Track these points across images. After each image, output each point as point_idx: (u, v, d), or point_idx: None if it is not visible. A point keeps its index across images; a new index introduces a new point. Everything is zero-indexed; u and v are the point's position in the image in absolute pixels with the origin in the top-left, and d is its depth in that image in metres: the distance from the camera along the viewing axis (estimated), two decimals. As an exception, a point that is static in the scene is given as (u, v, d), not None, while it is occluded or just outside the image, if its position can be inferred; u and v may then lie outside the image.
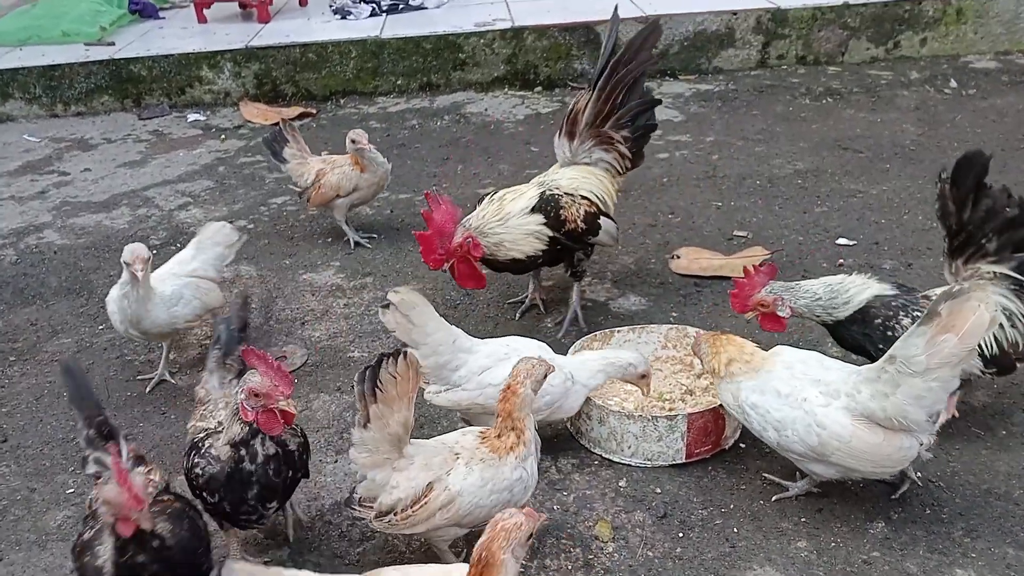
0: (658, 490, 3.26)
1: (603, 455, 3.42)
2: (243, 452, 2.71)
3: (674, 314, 4.32)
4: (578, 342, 3.79)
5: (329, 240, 5.21)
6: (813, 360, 3.06)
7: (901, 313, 3.25)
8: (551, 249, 3.97)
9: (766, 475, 3.27)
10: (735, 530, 3.06)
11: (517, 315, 4.40)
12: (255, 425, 2.68)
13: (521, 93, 7.51)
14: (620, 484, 3.30)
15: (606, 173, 4.23)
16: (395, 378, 2.67)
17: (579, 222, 3.98)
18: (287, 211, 5.63)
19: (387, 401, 2.69)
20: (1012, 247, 3.29)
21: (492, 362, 3.27)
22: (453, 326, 3.31)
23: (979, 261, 3.34)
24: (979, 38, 7.62)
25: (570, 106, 4.23)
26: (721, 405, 3.24)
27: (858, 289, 3.34)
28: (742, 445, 3.46)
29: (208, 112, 7.49)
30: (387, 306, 3.12)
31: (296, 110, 7.31)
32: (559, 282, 4.64)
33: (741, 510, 3.16)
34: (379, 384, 2.68)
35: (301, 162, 5.13)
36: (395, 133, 6.80)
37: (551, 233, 3.93)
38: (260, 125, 7.14)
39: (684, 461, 3.32)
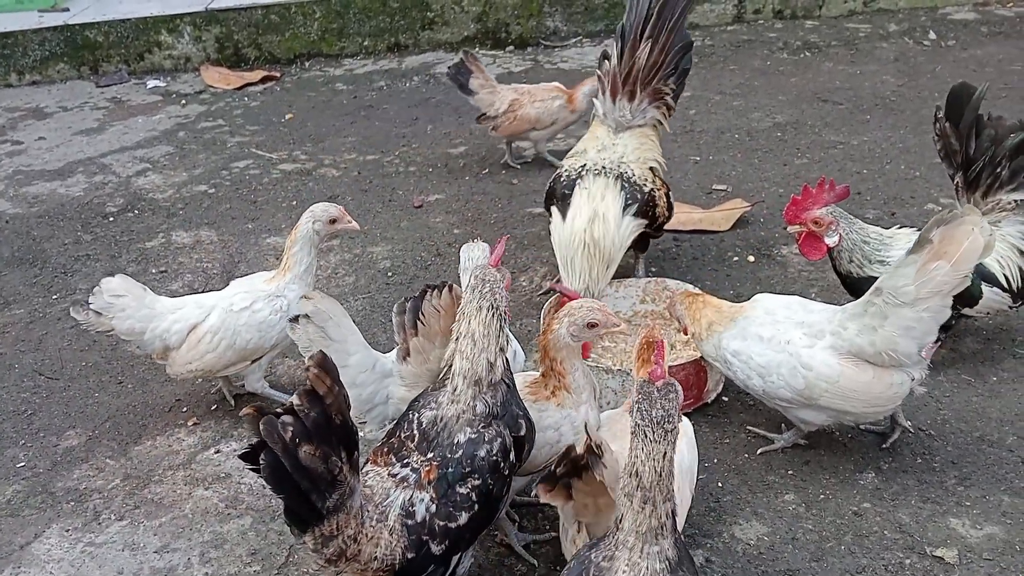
0: (639, 446, 3.12)
1: (581, 412, 3.28)
2: None
3: (653, 269, 4.17)
4: (551, 299, 3.63)
5: (294, 204, 5.01)
6: (795, 304, 2.93)
7: None
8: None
9: (750, 428, 3.15)
10: (719, 485, 2.94)
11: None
12: None
13: (493, 52, 7.28)
14: (599, 441, 3.15)
15: (655, 131, 3.98)
16: (438, 312, 2.53)
17: (666, 212, 3.82)
18: (249, 175, 5.41)
19: (429, 336, 2.55)
20: None
21: None
22: (372, 349, 2.77)
23: (998, 192, 3.27)
24: (958, -12, 7.47)
25: (619, 63, 3.80)
26: (703, 358, 3.10)
27: (899, 250, 3.13)
28: (725, 399, 3.33)
29: (168, 78, 7.21)
30: (297, 319, 2.58)
31: (259, 73, 7.04)
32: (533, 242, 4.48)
33: (725, 464, 3.03)
34: (421, 316, 2.54)
35: (491, 91, 5.11)
36: (362, 95, 6.57)
37: (646, 230, 3.76)
38: (222, 90, 6.88)
39: (665, 416, 3.18)
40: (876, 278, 3.00)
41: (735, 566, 2.64)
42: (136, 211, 5.07)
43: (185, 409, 3.52)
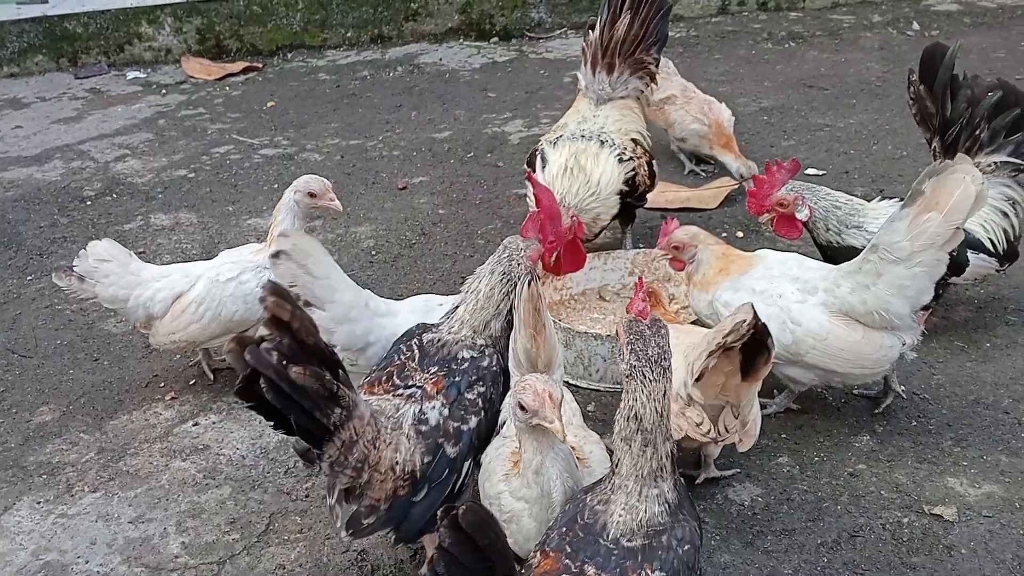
0: (629, 413, 3.05)
1: (570, 381, 3.20)
2: None
3: (641, 244, 4.11)
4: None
5: (275, 187, 4.92)
6: (794, 260, 2.86)
7: None
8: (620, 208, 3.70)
9: None
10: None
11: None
12: None
13: (477, 43, 7.24)
14: (588, 409, 3.09)
15: (637, 103, 3.92)
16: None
17: (647, 181, 3.77)
18: (230, 160, 5.32)
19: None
20: (1006, 131, 3.14)
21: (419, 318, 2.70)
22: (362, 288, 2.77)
23: (978, 155, 3.19)
24: (940, -20, 7.50)
25: (600, 35, 3.76)
26: (695, 322, 3.03)
27: (874, 217, 3.10)
28: (716, 366, 3.26)
29: (148, 70, 7.11)
30: (277, 255, 2.50)
31: (241, 64, 6.95)
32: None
33: (718, 429, 2.96)
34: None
35: (665, 77, 4.62)
36: (345, 84, 6.50)
37: (628, 199, 3.69)
38: (203, 80, 6.79)
39: (656, 383, 3.11)
40: (857, 248, 2.97)
41: (729, 527, 2.58)
42: (114, 195, 4.97)
43: (163, 384, 3.42)
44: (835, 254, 3.10)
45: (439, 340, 2.44)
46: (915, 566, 2.43)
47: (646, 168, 3.73)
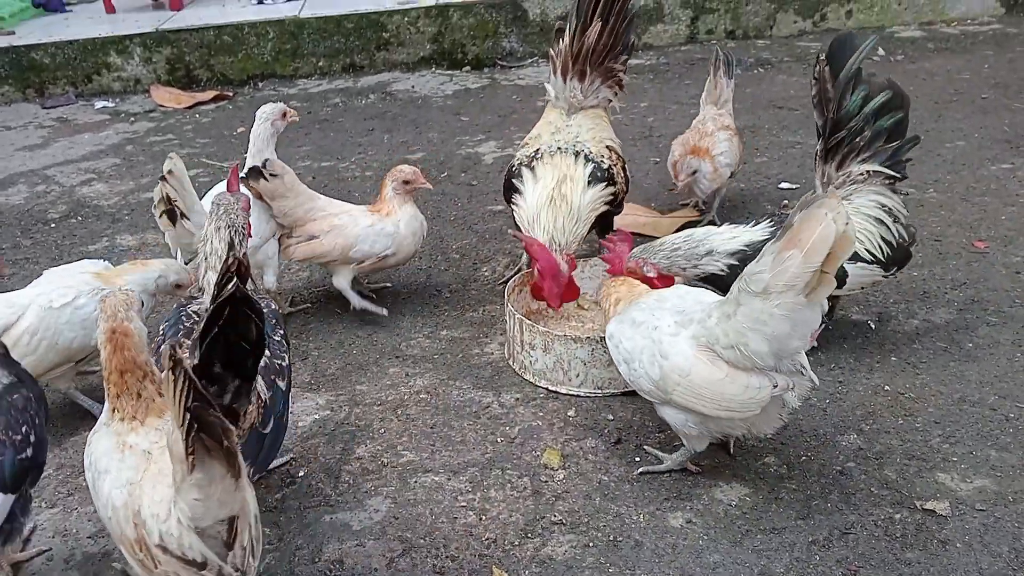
0: (610, 417, 2.97)
1: (549, 387, 3.13)
2: None
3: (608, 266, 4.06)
4: (515, 278, 3.52)
5: (246, 207, 4.83)
6: (694, 293, 2.67)
7: None
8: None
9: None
10: (695, 449, 2.78)
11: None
12: None
13: (449, 72, 7.25)
14: (569, 414, 3.00)
15: (606, 112, 3.90)
16: None
17: (624, 187, 3.72)
18: (199, 183, 5.20)
19: None
20: (886, 135, 3.11)
21: None
22: None
23: (852, 163, 3.14)
24: (903, 9, 7.65)
25: (570, 44, 3.69)
26: None
27: (723, 240, 3.03)
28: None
29: (117, 99, 7.03)
30: (164, 178, 3.13)
31: (211, 93, 6.91)
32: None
33: (702, 431, 2.88)
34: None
35: (703, 102, 4.55)
36: (317, 111, 6.46)
37: (608, 207, 3.63)
38: (173, 109, 6.72)
39: (637, 387, 3.03)
40: (718, 273, 2.94)
41: (717, 527, 2.49)
42: (79, 217, 4.85)
43: (126, 400, 3.28)
44: (715, 284, 2.97)
45: (192, 316, 2.54)
46: (910, 562, 2.35)
47: (622, 174, 3.69)
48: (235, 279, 1.92)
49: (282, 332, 2.62)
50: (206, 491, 1.79)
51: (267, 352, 2.34)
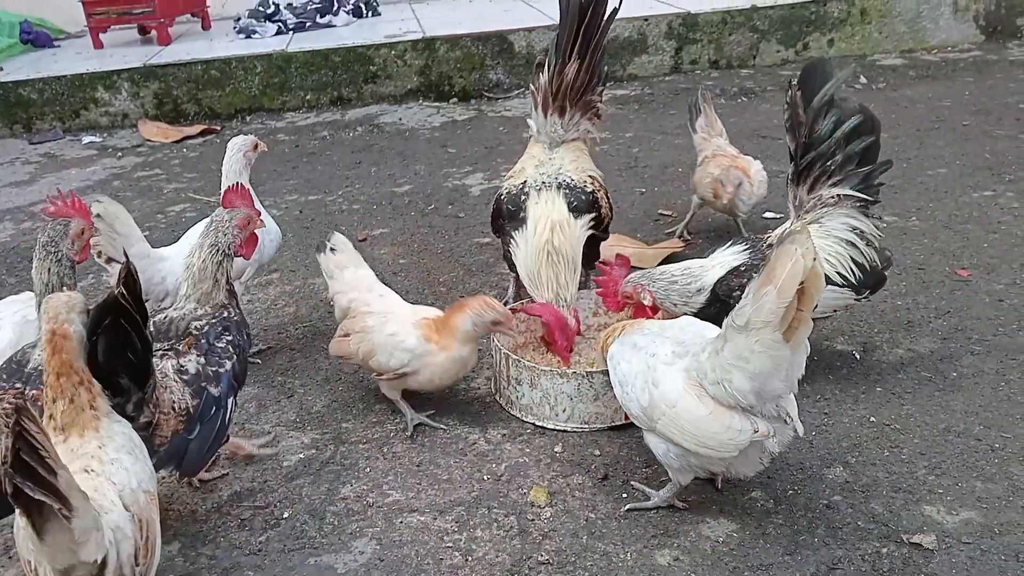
0: (597, 452, 2.96)
1: (536, 423, 3.12)
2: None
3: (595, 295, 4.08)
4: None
5: (233, 242, 4.83)
6: (698, 325, 2.68)
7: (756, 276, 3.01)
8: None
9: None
10: (680, 483, 2.77)
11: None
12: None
13: (436, 104, 7.30)
14: (556, 450, 2.99)
15: (586, 144, 3.93)
16: None
17: (609, 213, 3.76)
18: (186, 218, 5.23)
19: None
20: (858, 159, 3.13)
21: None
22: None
23: (822, 187, 3.15)
24: (884, 37, 7.76)
25: (549, 80, 3.70)
26: None
27: (703, 271, 3.04)
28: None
29: (104, 134, 7.05)
30: (97, 215, 3.07)
31: (198, 127, 6.94)
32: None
33: (688, 465, 2.88)
34: None
35: (704, 138, 4.64)
36: (304, 144, 6.49)
37: (593, 231, 3.65)
38: (160, 143, 6.74)
39: (624, 422, 3.03)
40: (714, 308, 2.93)
41: (704, 564, 2.47)
42: (65, 254, 4.84)
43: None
44: (702, 318, 2.94)
45: (167, 318, 2.74)
46: (897, 597, 2.34)
47: (605, 200, 3.73)
48: (121, 289, 2.19)
49: (230, 338, 2.72)
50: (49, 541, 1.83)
51: (201, 360, 2.64)
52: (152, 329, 2.61)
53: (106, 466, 2.11)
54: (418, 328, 3.07)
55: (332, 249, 3.32)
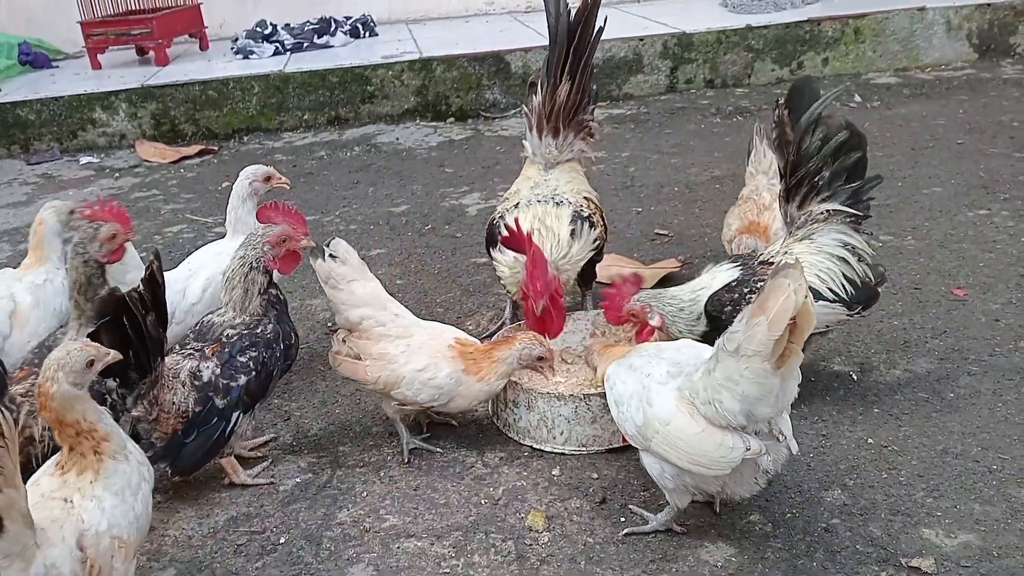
0: (595, 476, 2.95)
1: (533, 445, 3.11)
2: None
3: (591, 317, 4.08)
4: (503, 330, 3.52)
5: (230, 263, 4.83)
6: (697, 348, 2.68)
7: (747, 291, 3.00)
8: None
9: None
10: (679, 507, 2.76)
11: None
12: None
13: (433, 124, 7.34)
14: (553, 473, 2.98)
15: (581, 165, 3.96)
16: None
17: (604, 235, 3.77)
18: (183, 238, 5.24)
19: None
20: (846, 175, 3.15)
21: None
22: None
23: (812, 203, 3.17)
24: (878, 56, 7.81)
25: (542, 102, 3.75)
26: None
27: (701, 295, 3.06)
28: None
29: (102, 155, 7.07)
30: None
31: (196, 148, 6.96)
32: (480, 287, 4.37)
33: (686, 489, 2.87)
34: None
35: (752, 173, 4.34)
36: (302, 164, 6.51)
37: (593, 254, 3.68)
38: (158, 164, 6.76)
39: (622, 444, 3.02)
40: (709, 329, 2.95)
41: (703, 589, 2.46)
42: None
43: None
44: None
45: (209, 321, 2.94)
46: (897, 622, 2.33)
47: (601, 222, 3.74)
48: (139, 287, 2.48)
49: (254, 354, 2.84)
50: None
51: (217, 370, 2.80)
52: (195, 329, 2.95)
53: (85, 501, 2.09)
54: (455, 359, 2.97)
55: (331, 256, 3.08)
